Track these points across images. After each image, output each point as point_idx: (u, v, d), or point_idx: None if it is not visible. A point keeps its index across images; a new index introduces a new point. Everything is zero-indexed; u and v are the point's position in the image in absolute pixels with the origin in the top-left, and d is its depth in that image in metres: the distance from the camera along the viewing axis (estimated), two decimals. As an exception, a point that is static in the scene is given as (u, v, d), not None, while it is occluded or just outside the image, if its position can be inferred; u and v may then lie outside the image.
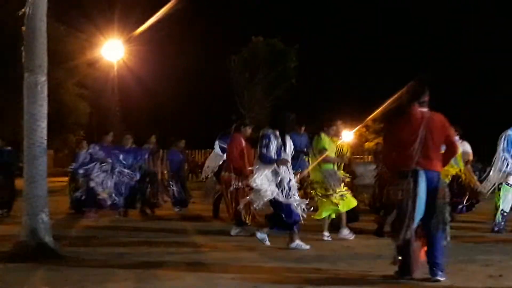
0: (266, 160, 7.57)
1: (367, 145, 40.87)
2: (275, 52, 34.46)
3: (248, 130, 9.42)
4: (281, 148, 7.64)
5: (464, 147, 11.38)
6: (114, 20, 29.39)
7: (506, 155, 9.01)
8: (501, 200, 9.14)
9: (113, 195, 11.64)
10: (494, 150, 9.35)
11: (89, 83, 31.07)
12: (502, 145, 9.11)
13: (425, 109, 5.86)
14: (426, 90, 5.92)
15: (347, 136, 34.06)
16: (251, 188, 7.81)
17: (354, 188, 9.97)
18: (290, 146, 7.80)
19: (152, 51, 31.91)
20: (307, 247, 7.62)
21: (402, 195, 5.70)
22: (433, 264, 5.68)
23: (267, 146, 7.55)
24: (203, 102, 36.13)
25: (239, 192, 8.95)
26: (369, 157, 36.77)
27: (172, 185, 13.00)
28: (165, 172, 13.18)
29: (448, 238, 5.85)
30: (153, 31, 28.85)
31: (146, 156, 12.39)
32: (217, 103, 34.42)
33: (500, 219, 9.13)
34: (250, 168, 8.14)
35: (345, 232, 8.53)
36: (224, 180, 9.44)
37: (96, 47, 29.27)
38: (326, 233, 8.48)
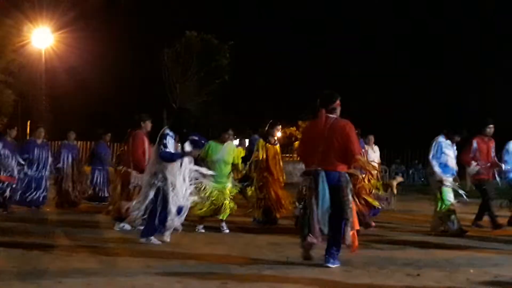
0: (167, 158, 7.50)
1: (297, 144, 41.33)
2: (209, 47, 34.37)
3: (149, 125, 9.30)
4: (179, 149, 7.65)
5: (376, 152, 11.84)
6: (43, 7, 28.51)
7: (435, 161, 9.28)
8: (444, 202, 9.31)
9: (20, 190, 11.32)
10: (416, 154, 9.67)
11: (16, 71, 29.94)
12: (432, 151, 9.36)
13: (333, 115, 6.53)
14: (334, 99, 6.60)
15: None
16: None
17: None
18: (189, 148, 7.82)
19: (83, 40, 31.06)
20: (159, 242, 7.61)
21: (306, 192, 6.45)
22: (328, 252, 6.34)
23: (165, 145, 7.48)
24: (134, 95, 35.52)
25: (135, 190, 8.89)
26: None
27: (94, 179, 12.77)
28: (84, 167, 12.94)
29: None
30: (84, 20, 28.18)
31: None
32: (148, 97, 33.92)
33: (441, 222, 9.39)
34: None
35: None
36: (121, 175, 9.28)
37: (23, 34, 28.32)
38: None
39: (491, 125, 10.06)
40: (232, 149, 9.27)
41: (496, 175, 10.26)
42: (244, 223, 9.50)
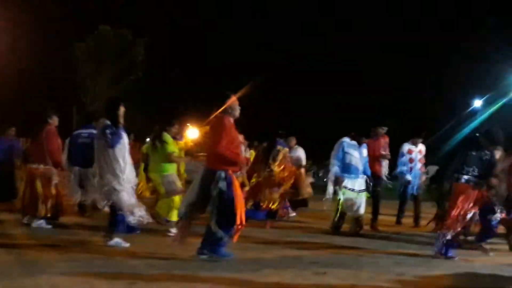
0: (115, 142, 7.40)
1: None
2: (123, 43, 33.69)
3: (56, 120, 9.12)
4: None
5: (298, 152, 12.07)
6: None
7: (336, 161, 9.50)
8: (340, 203, 9.55)
9: None
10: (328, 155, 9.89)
11: None
12: (335, 151, 9.58)
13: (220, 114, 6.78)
14: (226, 98, 6.83)
15: (193, 134, 34.36)
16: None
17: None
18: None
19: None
20: (127, 244, 7.49)
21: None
22: (201, 244, 6.69)
23: (111, 134, 7.39)
24: (44, 90, 34.18)
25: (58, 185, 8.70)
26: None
27: None
28: None
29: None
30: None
31: None
32: (58, 92, 32.76)
33: (337, 219, 9.63)
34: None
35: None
36: (32, 171, 9.04)
37: None
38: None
39: (384, 127, 10.47)
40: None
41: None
42: (153, 222, 9.34)
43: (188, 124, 29.51)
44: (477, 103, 37.21)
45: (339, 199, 9.45)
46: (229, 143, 6.66)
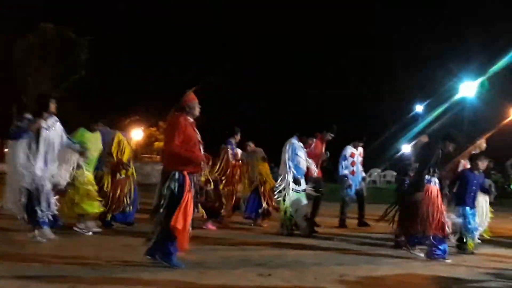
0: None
1: (157, 144, 40.94)
2: (66, 41, 32.94)
3: None
4: None
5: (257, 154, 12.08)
6: None
7: (290, 163, 9.56)
8: (289, 205, 9.58)
9: None
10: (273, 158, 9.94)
11: None
12: (287, 153, 9.61)
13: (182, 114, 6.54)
14: (184, 97, 6.62)
15: (137, 134, 33.95)
16: None
17: None
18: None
19: None
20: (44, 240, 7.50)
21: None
22: (153, 245, 6.44)
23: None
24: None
25: None
26: (158, 156, 36.94)
27: None
28: None
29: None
30: None
31: None
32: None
33: (289, 223, 9.65)
34: None
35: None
36: None
37: None
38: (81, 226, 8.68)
39: (331, 134, 10.61)
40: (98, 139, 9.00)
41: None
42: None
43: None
44: (419, 108, 38.20)
45: (289, 201, 9.52)
46: (184, 142, 6.41)
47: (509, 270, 7.33)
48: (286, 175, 9.55)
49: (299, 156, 9.67)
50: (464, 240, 8.50)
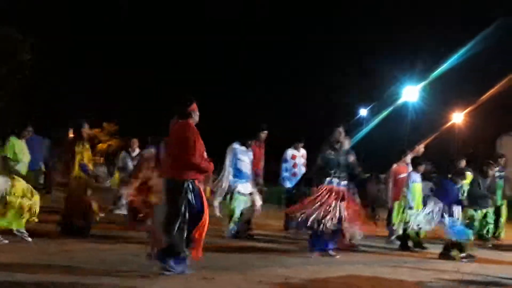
0: None
1: (100, 146, 40.27)
2: (8, 42, 31.89)
3: None
4: None
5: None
6: None
7: (230, 169, 9.53)
8: (234, 208, 9.54)
9: None
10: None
11: None
12: (228, 158, 9.59)
13: (183, 120, 6.34)
14: (189, 102, 6.38)
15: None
16: None
17: None
18: None
19: None
20: None
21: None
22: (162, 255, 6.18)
23: None
24: None
25: None
26: (102, 159, 36.28)
27: None
28: None
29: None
30: None
31: None
32: None
33: (232, 225, 9.60)
34: None
35: None
36: None
37: None
38: None
39: (265, 131, 10.57)
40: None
41: None
42: (35, 229, 8.80)
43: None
44: (363, 112, 38.92)
45: (233, 205, 9.48)
46: (199, 151, 6.29)
47: (449, 271, 7.50)
48: (225, 180, 9.54)
49: (242, 160, 9.66)
50: (406, 239, 8.68)
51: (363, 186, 10.06)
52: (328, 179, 8.26)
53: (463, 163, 11.00)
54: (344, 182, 8.37)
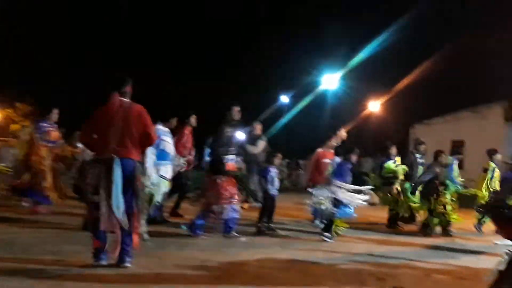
0: None
1: (13, 127, 38.59)
2: None
3: None
4: None
5: None
6: None
7: (153, 149, 9.33)
8: (154, 192, 9.37)
9: None
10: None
11: None
12: None
13: (125, 100, 6.09)
14: (127, 81, 6.17)
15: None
16: None
17: None
18: None
19: None
20: None
21: (96, 180, 5.87)
22: (123, 250, 5.86)
23: None
24: None
25: None
26: (14, 139, 34.79)
27: None
28: None
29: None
30: None
31: None
32: None
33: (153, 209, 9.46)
34: None
35: None
36: None
37: None
38: None
39: (195, 116, 10.48)
40: None
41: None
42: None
43: None
44: (284, 99, 39.30)
45: (155, 189, 9.34)
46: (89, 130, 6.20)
47: (362, 253, 7.71)
48: (147, 161, 9.36)
49: (165, 140, 9.50)
50: (331, 226, 8.80)
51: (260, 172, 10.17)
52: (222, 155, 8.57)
53: (394, 149, 11.46)
54: (237, 159, 8.79)
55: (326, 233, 8.74)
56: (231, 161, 8.74)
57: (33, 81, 38.29)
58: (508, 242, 3.58)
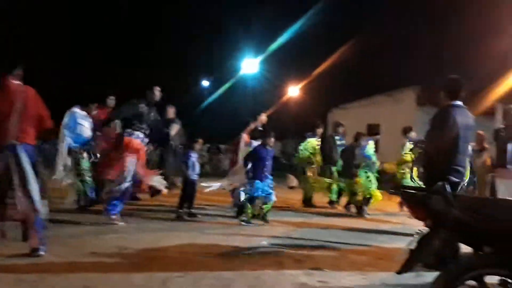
0: None
1: None
2: None
3: None
4: None
5: None
6: None
7: (67, 131, 9.08)
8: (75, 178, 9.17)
9: None
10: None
11: None
12: (67, 122, 9.12)
13: (18, 82, 5.79)
14: (20, 64, 5.88)
15: None
16: None
17: None
18: None
19: None
20: None
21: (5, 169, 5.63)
22: (35, 237, 5.71)
23: None
24: None
25: None
26: None
27: None
28: None
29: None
30: None
31: None
32: None
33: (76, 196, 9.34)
34: None
35: None
36: None
37: None
38: None
39: (112, 97, 10.27)
40: None
41: None
42: None
43: None
44: (205, 83, 39.18)
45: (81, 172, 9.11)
46: None
47: (280, 237, 7.82)
48: (63, 144, 9.08)
49: (82, 124, 9.26)
50: (245, 211, 8.84)
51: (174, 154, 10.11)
52: (129, 130, 8.41)
53: (320, 129, 11.78)
54: (145, 139, 8.56)
55: (242, 217, 8.78)
56: (139, 139, 8.50)
57: None
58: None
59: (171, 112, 10.40)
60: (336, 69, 28.56)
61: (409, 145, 11.13)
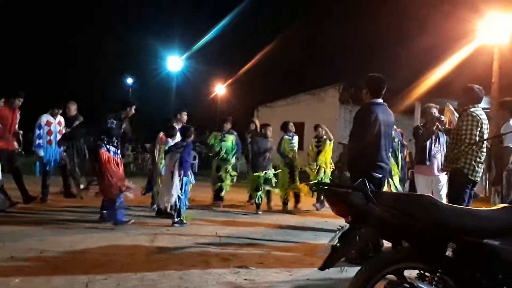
0: None
1: None
2: None
3: None
4: None
5: None
6: None
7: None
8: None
9: None
10: None
11: None
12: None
13: None
14: None
15: None
16: None
17: None
18: None
19: None
20: None
21: None
22: None
23: None
24: None
25: None
26: None
27: None
28: None
29: None
30: None
31: None
32: None
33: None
34: None
35: None
36: None
37: None
38: None
39: (21, 99, 9.88)
40: None
41: None
42: None
43: None
44: (129, 80, 38.58)
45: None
46: None
47: (206, 235, 7.79)
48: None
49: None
50: (183, 216, 8.75)
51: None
52: (105, 145, 8.41)
53: (228, 125, 11.63)
54: (118, 151, 8.61)
55: (176, 219, 8.66)
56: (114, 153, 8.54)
57: None
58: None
59: (72, 109, 10.25)
60: (263, 68, 28.82)
61: (313, 141, 11.48)
